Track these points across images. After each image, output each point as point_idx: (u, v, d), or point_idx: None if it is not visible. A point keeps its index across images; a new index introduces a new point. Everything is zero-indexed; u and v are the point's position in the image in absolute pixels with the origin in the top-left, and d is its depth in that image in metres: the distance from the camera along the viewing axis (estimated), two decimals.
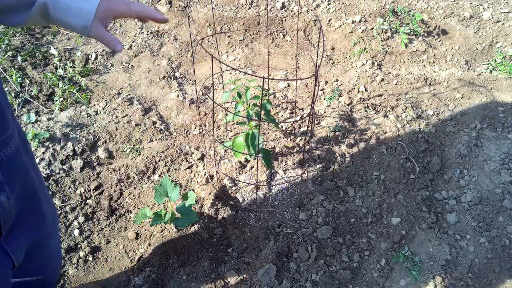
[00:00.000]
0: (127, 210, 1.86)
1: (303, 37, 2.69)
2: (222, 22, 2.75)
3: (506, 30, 2.61)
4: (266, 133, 2.17)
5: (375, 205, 1.84)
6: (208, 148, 2.08)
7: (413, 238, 1.76)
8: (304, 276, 1.64)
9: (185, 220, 1.66)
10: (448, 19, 2.66)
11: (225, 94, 1.77)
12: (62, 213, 1.81)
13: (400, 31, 2.58)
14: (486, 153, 2.03)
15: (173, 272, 1.64)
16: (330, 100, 2.27)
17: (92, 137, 2.07)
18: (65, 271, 1.66)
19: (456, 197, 1.89)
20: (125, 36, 2.68)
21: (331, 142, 2.09)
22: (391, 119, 2.19)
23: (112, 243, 1.75)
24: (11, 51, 2.40)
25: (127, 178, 1.95)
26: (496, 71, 2.48)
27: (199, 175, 1.98)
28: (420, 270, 1.66)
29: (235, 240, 1.74)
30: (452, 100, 2.32)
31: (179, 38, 2.70)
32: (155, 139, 2.11)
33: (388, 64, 2.56)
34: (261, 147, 1.78)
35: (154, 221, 1.62)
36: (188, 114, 2.26)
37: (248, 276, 1.64)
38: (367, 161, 2.00)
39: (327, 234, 1.73)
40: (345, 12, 2.73)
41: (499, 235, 1.76)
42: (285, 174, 1.98)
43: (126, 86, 2.37)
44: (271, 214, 1.83)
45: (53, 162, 1.94)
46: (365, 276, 1.66)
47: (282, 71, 2.51)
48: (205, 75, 2.50)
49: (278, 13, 2.76)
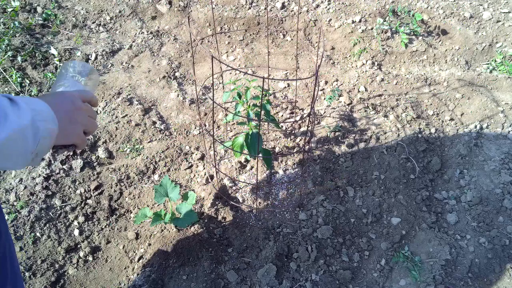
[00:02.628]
0: (127, 210, 1.86)
1: (303, 37, 2.69)
2: (222, 22, 2.75)
3: (506, 30, 2.61)
4: (266, 133, 2.17)
5: (375, 205, 1.84)
6: (208, 148, 2.08)
7: (413, 238, 1.76)
8: (304, 276, 1.64)
9: (185, 220, 1.66)
10: (448, 19, 2.66)
11: (225, 94, 1.77)
12: (62, 213, 1.81)
13: (400, 31, 2.58)
14: (486, 153, 2.03)
15: (173, 272, 1.64)
16: (330, 100, 2.27)
17: (92, 137, 2.07)
18: (65, 271, 1.66)
19: (456, 197, 1.89)
20: (125, 36, 2.68)
21: (331, 142, 2.09)
22: (391, 119, 2.19)
23: (112, 243, 1.75)
24: (11, 51, 2.40)
25: (127, 178, 1.95)
26: (496, 71, 2.48)
27: (199, 175, 1.98)
28: (420, 270, 1.66)
29: (235, 240, 1.74)
30: (452, 100, 2.32)
31: (179, 38, 2.70)
32: (155, 139, 2.11)
33: (388, 64, 2.56)
34: (261, 147, 1.78)
35: (154, 221, 1.62)
36: (188, 114, 2.26)
37: (248, 276, 1.64)
38: (367, 161, 2.00)
39: (327, 234, 1.73)
40: (345, 12, 2.73)
41: (499, 235, 1.76)
42: (285, 174, 1.98)
43: (126, 86, 2.37)
44: (271, 214, 1.83)
45: (53, 162, 1.94)
46: (365, 276, 1.66)
47: (282, 71, 2.51)
48: (205, 75, 2.50)
49: (278, 13, 2.76)
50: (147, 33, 2.69)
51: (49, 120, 0.78)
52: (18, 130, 0.70)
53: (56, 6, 2.77)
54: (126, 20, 2.77)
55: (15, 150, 0.72)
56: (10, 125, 0.69)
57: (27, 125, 0.72)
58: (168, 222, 1.65)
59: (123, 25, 2.74)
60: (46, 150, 0.80)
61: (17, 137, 0.70)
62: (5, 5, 2.66)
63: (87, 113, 0.93)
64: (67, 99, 0.88)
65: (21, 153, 0.73)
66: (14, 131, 0.69)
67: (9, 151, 0.70)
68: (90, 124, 0.94)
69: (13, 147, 0.71)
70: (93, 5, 2.81)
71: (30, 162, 0.77)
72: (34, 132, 0.74)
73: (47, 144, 0.79)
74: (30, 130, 0.73)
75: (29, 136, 0.73)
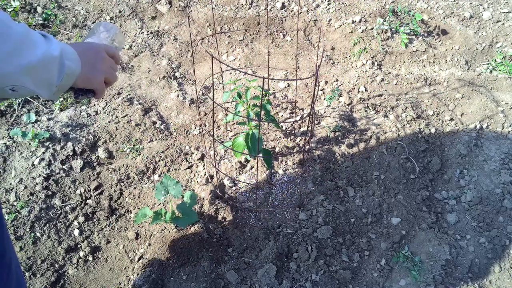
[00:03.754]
0: (127, 210, 1.86)
1: (303, 37, 2.69)
2: (222, 22, 2.75)
3: (506, 30, 2.61)
4: (266, 133, 2.17)
5: (375, 205, 1.84)
6: (208, 148, 2.08)
7: (413, 238, 1.76)
8: (304, 276, 1.64)
9: (185, 219, 1.66)
10: (448, 19, 2.66)
11: (225, 94, 1.77)
12: (62, 213, 1.81)
13: (400, 31, 2.58)
14: (486, 153, 2.03)
15: (173, 272, 1.64)
16: (330, 100, 2.27)
17: (92, 137, 2.07)
18: (65, 271, 1.66)
19: (456, 197, 1.89)
20: (125, 36, 2.68)
21: (331, 142, 2.09)
22: (391, 119, 2.19)
23: (112, 243, 1.75)
24: None
25: (127, 178, 1.95)
26: (496, 71, 2.48)
27: (199, 175, 1.98)
28: (420, 270, 1.66)
29: (235, 240, 1.74)
30: (452, 100, 2.32)
31: (179, 38, 2.70)
32: (155, 139, 2.11)
33: (388, 64, 2.56)
34: (261, 147, 1.78)
35: (154, 220, 1.62)
36: (188, 114, 2.26)
37: (248, 276, 1.64)
38: (367, 161, 2.00)
39: (327, 234, 1.73)
40: (345, 12, 2.73)
41: (499, 235, 1.76)
42: (285, 174, 1.98)
43: (126, 86, 2.37)
44: (271, 214, 1.83)
45: (53, 162, 1.94)
46: (365, 276, 1.66)
47: (282, 71, 2.51)
48: (205, 75, 2.50)
49: (278, 13, 2.76)
50: (147, 33, 2.69)
51: (74, 61, 0.86)
52: (49, 58, 0.78)
53: (56, 6, 2.77)
54: (126, 20, 2.77)
55: (45, 76, 0.79)
56: (42, 51, 0.77)
57: (56, 56, 0.79)
58: (168, 221, 1.65)
59: (123, 25, 2.74)
60: (66, 88, 0.88)
61: (47, 64, 0.78)
62: (5, 5, 2.66)
63: (109, 64, 1.02)
64: (92, 49, 0.97)
65: (48, 82, 0.81)
66: (45, 57, 0.77)
67: (41, 74, 0.78)
68: (111, 74, 1.02)
69: (43, 73, 0.78)
70: (93, 5, 2.81)
71: (52, 95, 0.85)
72: (60, 66, 0.82)
73: (69, 82, 0.87)
74: (57, 63, 0.81)
75: (55, 69, 0.81)
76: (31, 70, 0.75)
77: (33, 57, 0.74)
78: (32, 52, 0.74)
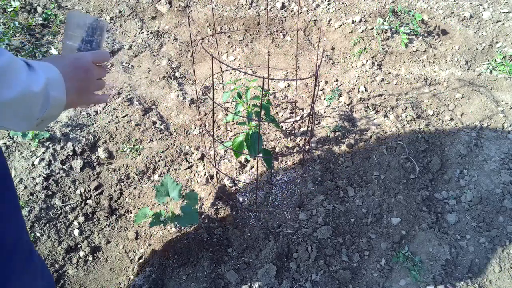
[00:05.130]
0: (127, 210, 1.86)
1: (303, 37, 2.69)
2: (222, 22, 2.75)
3: (506, 30, 2.61)
4: (266, 133, 2.17)
5: (375, 205, 1.84)
6: (208, 148, 2.08)
7: (413, 238, 1.76)
8: (304, 276, 1.64)
9: (186, 219, 1.65)
10: (448, 19, 2.66)
11: (225, 94, 1.77)
12: (62, 213, 1.81)
13: (400, 31, 2.58)
14: (486, 153, 2.03)
15: (173, 272, 1.64)
16: (330, 100, 2.27)
17: (92, 137, 2.07)
18: (65, 271, 1.66)
19: (456, 197, 1.89)
20: (125, 36, 2.68)
21: (331, 142, 2.09)
22: (391, 119, 2.19)
23: (112, 243, 1.75)
24: (11, 51, 2.40)
25: (127, 178, 1.95)
26: (496, 71, 2.48)
27: (199, 175, 1.98)
28: (420, 270, 1.66)
29: (235, 240, 1.74)
30: (452, 100, 2.32)
31: (179, 38, 2.70)
32: (155, 139, 2.11)
33: (388, 64, 2.56)
34: (261, 147, 1.78)
35: (152, 224, 1.61)
36: (188, 114, 2.26)
37: (248, 276, 1.64)
38: (367, 161, 2.00)
39: (327, 234, 1.73)
40: (345, 12, 2.73)
41: (499, 235, 1.76)
42: (285, 174, 1.98)
43: (126, 86, 2.37)
44: (271, 214, 1.83)
45: (53, 162, 1.94)
46: (365, 276, 1.66)
47: (282, 71, 2.51)
48: (205, 75, 2.50)
49: (278, 13, 2.76)
50: (147, 33, 2.69)
51: (60, 90, 0.80)
52: (28, 95, 0.71)
53: (56, 6, 2.77)
54: (126, 20, 2.77)
55: (21, 113, 0.72)
56: (19, 88, 0.69)
57: (38, 92, 0.72)
58: (168, 222, 1.64)
59: (123, 25, 2.74)
60: (54, 118, 0.82)
61: (24, 101, 0.71)
62: (5, 5, 2.66)
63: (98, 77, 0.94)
64: (80, 68, 0.88)
65: (26, 117, 0.74)
66: (23, 94, 0.70)
67: (13, 112, 0.71)
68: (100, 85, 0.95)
69: (18, 109, 0.71)
70: (93, 5, 2.81)
71: (35, 127, 0.79)
72: (44, 99, 0.75)
73: (56, 112, 0.81)
74: (41, 97, 0.74)
75: (39, 103, 0.74)
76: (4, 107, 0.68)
77: (6, 95, 0.67)
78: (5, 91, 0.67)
